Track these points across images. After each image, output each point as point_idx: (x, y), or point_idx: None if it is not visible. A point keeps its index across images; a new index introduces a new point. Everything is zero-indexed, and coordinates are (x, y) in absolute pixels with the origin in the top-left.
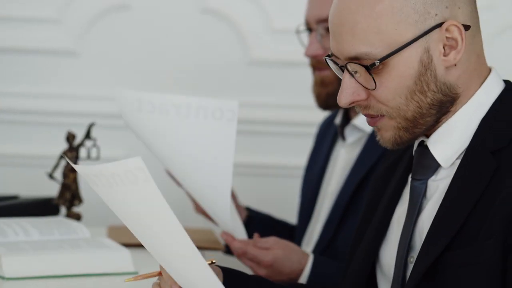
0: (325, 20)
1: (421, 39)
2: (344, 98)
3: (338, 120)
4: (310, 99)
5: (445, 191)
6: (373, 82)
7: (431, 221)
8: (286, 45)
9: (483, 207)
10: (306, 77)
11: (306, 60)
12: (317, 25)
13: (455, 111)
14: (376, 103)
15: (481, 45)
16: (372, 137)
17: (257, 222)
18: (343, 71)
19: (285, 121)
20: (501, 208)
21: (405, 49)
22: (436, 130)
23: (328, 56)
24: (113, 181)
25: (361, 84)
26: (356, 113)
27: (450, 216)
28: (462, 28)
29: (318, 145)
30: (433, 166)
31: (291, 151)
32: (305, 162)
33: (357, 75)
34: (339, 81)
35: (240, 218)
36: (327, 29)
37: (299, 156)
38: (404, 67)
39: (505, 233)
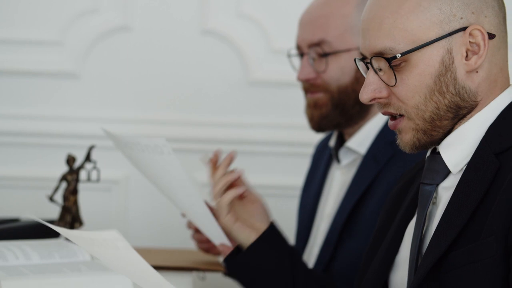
0: (317, 44)
1: (444, 40)
2: (365, 93)
3: (332, 142)
4: None
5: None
6: (394, 77)
7: None
8: (286, 66)
9: (486, 205)
10: None
11: None
12: (309, 49)
13: (468, 118)
14: (396, 101)
15: (506, 60)
16: (366, 159)
17: None
18: (368, 69)
19: (286, 141)
20: (501, 201)
21: (427, 48)
22: (448, 136)
23: (360, 59)
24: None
25: (383, 82)
26: (350, 135)
27: (454, 218)
28: (486, 35)
29: (314, 167)
30: (442, 170)
31: (292, 171)
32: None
33: (381, 73)
34: (332, 103)
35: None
36: (319, 54)
37: (301, 176)
38: (425, 65)
39: (507, 225)
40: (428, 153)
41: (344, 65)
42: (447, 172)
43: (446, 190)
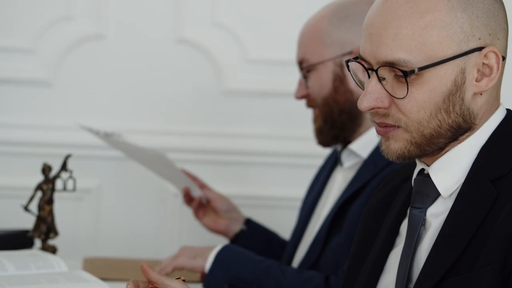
0: (300, 63)
1: (460, 59)
2: (366, 101)
3: (339, 146)
4: (285, 129)
5: (443, 221)
6: (406, 90)
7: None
8: (261, 75)
9: (483, 234)
10: (281, 107)
11: (281, 90)
12: (299, 66)
13: (461, 141)
14: (396, 113)
15: (501, 82)
16: (366, 163)
17: (253, 234)
18: (369, 75)
19: (260, 151)
20: (499, 231)
21: (442, 65)
22: (439, 158)
23: (355, 58)
24: None
25: (387, 91)
26: (354, 139)
27: (448, 246)
28: (500, 57)
29: (320, 171)
30: (433, 194)
31: (266, 181)
32: (285, 192)
33: (384, 82)
34: (322, 117)
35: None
36: (303, 71)
37: (278, 185)
38: (437, 83)
39: (504, 255)
40: (415, 175)
41: (320, 77)
42: (436, 196)
43: (435, 216)
